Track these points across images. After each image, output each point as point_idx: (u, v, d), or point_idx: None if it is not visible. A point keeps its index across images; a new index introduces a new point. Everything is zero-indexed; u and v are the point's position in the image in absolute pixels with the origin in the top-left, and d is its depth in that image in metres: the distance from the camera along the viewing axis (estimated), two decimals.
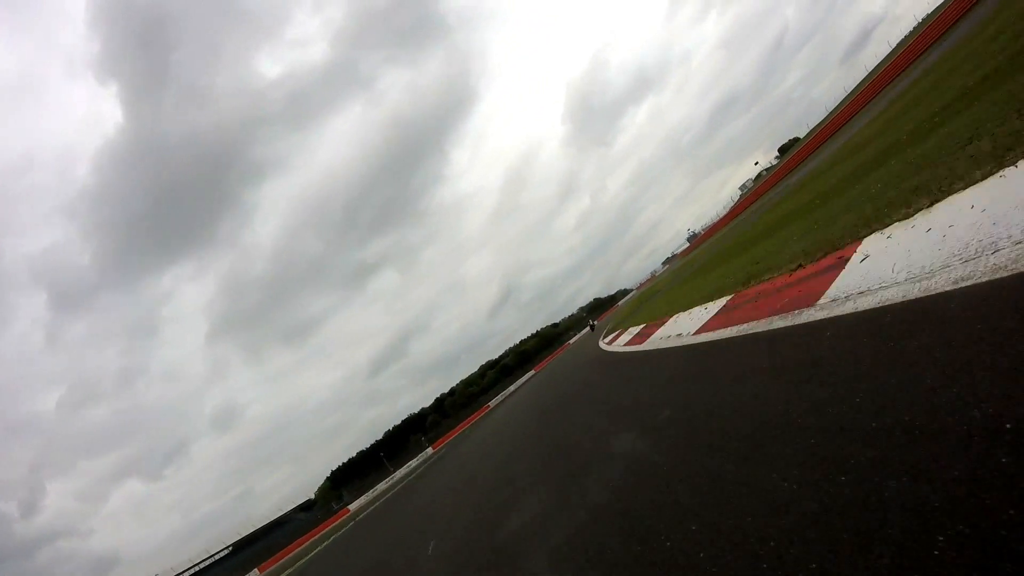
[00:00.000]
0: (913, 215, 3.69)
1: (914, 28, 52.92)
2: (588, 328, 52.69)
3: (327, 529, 44.56)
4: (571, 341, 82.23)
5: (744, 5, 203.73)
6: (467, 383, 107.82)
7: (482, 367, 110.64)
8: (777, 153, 69.58)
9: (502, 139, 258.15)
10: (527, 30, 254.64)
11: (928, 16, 48.71)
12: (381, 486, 55.30)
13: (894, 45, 59.22)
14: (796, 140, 67.86)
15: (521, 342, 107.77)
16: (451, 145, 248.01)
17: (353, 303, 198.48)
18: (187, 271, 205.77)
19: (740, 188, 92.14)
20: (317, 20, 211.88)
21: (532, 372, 71.82)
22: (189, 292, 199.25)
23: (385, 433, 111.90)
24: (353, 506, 52.43)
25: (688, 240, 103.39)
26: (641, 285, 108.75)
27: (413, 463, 58.00)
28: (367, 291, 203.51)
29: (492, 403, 66.19)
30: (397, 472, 57.97)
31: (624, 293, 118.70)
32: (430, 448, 59.89)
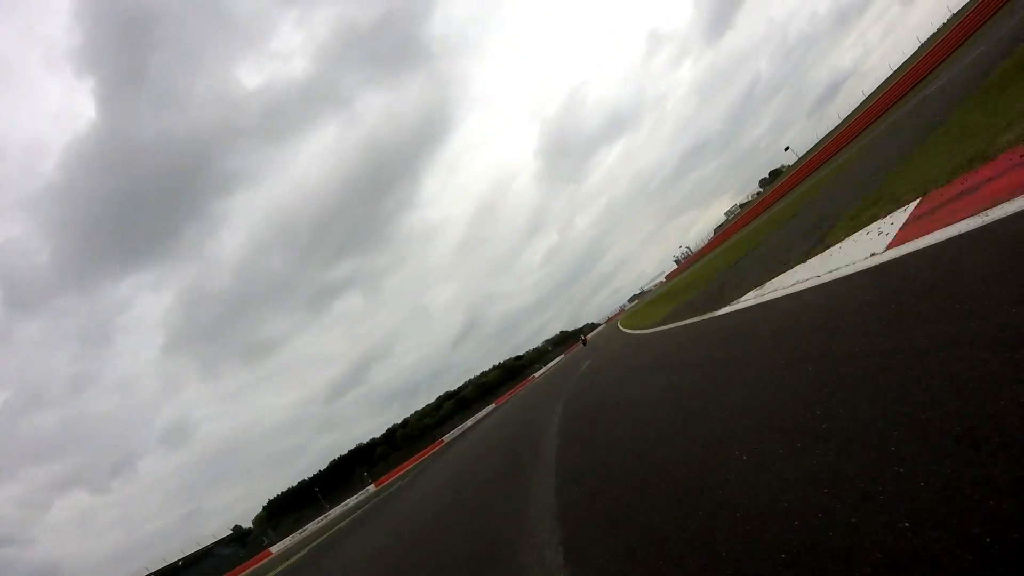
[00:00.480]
0: None
1: (880, 84, 54.95)
2: (580, 343, 62.16)
3: None
4: (536, 375, 78.00)
5: (719, 54, 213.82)
6: (421, 414, 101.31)
7: (439, 398, 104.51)
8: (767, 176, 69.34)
9: (475, 170, 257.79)
10: (508, 64, 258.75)
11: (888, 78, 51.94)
12: (312, 526, 48.60)
13: (863, 97, 60.46)
14: (779, 171, 67.47)
15: (482, 373, 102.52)
16: (424, 172, 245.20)
17: (314, 325, 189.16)
18: (147, 279, 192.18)
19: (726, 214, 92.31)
20: (301, 34, 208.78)
21: (492, 406, 66.91)
22: (148, 301, 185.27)
23: (330, 463, 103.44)
24: (277, 548, 45.51)
25: (676, 262, 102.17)
26: (609, 319, 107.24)
27: (352, 501, 51.58)
28: (329, 314, 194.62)
29: (447, 437, 60.70)
30: (334, 510, 51.39)
31: (592, 326, 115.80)
32: (372, 485, 53.63)
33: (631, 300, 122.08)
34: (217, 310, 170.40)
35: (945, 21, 53.73)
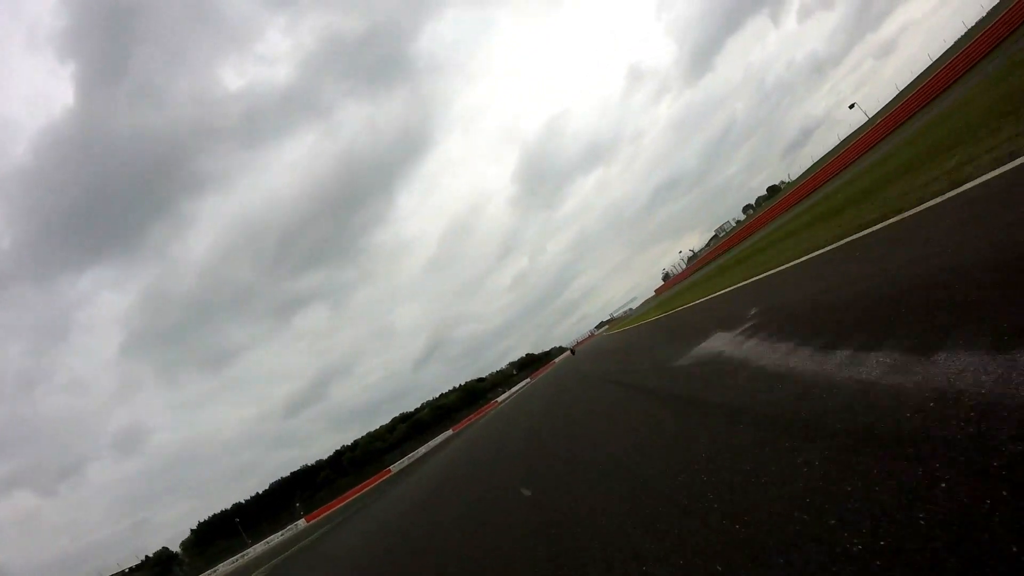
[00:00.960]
0: None
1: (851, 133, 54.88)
2: (569, 352, 70.14)
3: None
4: (500, 399, 72.56)
5: (697, 94, 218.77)
6: (373, 437, 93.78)
7: (394, 419, 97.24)
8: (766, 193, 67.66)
9: (451, 189, 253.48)
10: (492, 87, 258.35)
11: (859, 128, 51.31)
12: (224, 567, 41.28)
13: (836, 143, 60.26)
14: (777, 189, 65.22)
15: (442, 395, 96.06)
16: (399, 188, 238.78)
17: (276, 337, 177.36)
18: (109, 275, 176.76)
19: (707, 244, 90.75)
20: (289, 41, 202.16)
21: (449, 432, 61.00)
22: (108, 299, 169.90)
23: (272, 484, 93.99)
24: None
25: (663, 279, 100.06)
26: (579, 342, 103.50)
27: (277, 538, 44.50)
28: (292, 326, 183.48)
29: (395, 467, 54.31)
30: (255, 547, 44.17)
31: (560, 350, 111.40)
32: (303, 520, 46.62)
33: (598, 327, 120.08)
34: (178, 314, 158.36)
35: (912, 80, 53.84)
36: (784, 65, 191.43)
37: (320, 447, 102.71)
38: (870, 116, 48.62)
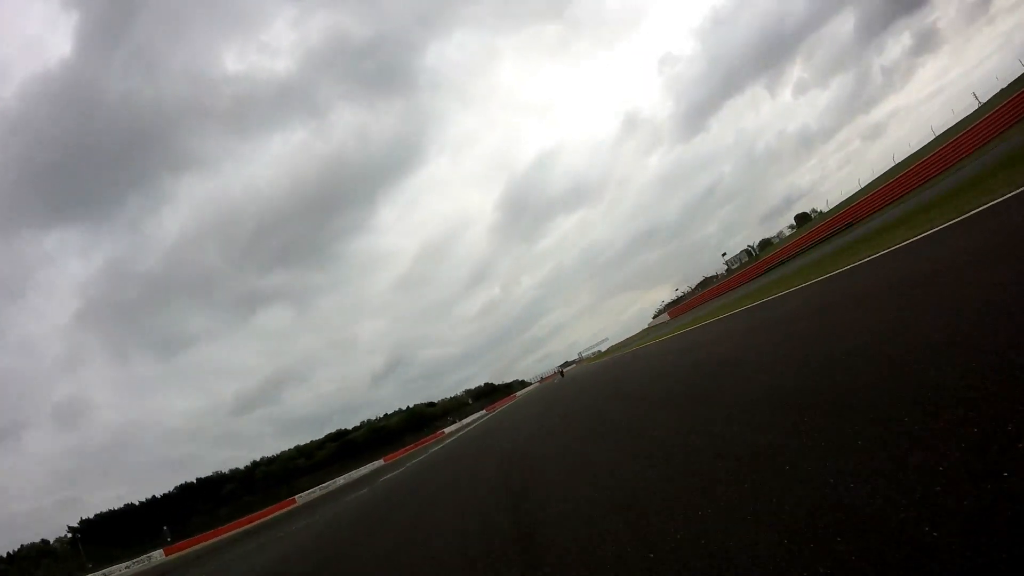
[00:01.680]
0: None
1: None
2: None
3: None
4: (448, 429, 62.73)
5: (688, 150, 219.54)
6: (301, 451, 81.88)
7: (326, 436, 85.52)
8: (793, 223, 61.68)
9: (433, 209, 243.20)
10: (488, 113, 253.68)
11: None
12: None
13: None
14: (807, 217, 59.10)
15: (384, 416, 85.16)
16: (381, 199, 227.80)
17: (236, 331, 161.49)
18: (76, 239, 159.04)
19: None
20: (294, 34, 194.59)
21: (380, 462, 50.84)
22: (71, 262, 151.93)
23: (178, 487, 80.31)
24: None
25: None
26: (544, 379, 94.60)
27: (123, 570, 33.52)
28: (254, 323, 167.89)
29: (301, 497, 43.78)
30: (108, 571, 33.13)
31: (523, 384, 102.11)
32: (162, 552, 35.57)
33: (560, 367, 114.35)
34: (140, 292, 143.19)
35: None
36: (775, 134, 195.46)
37: (266, 449, 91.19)
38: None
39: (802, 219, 58.34)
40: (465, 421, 66.24)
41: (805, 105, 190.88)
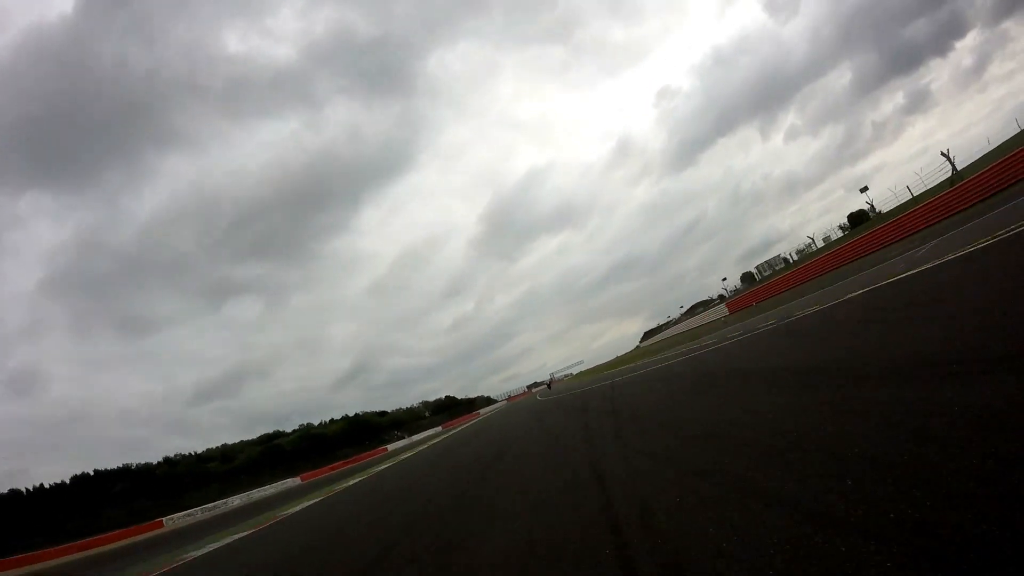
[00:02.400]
0: None
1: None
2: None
3: None
4: (394, 445, 52.30)
5: (675, 184, 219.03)
6: (226, 453, 69.71)
7: (260, 437, 73.42)
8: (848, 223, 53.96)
9: (416, 216, 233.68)
10: (483, 126, 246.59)
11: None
12: None
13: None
14: (865, 216, 51.93)
15: (322, 424, 73.56)
16: (366, 201, 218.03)
17: (203, 319, 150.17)
18: (50, 204, 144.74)
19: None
20: (300, 23, 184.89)
21: (297, 480, 40.20)
22: (42, 227, 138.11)
23: (73, 478, 66.89)
24: None
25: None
26: (512, 397, 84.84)
27: None
28: (221, 313, 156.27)
29: (173, 520, 32.74)
30: None
31: (488, 401, 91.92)
32: None
33: (528, 386, 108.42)
34: (109, 267, 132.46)
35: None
36: (761, 176, 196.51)
37: (219, 439, 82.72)
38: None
39: (858, 220, 50.82)
40: (416, 438, 55.86)
41: (794, 151, 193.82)
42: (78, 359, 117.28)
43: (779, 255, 71.01)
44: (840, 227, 52.21)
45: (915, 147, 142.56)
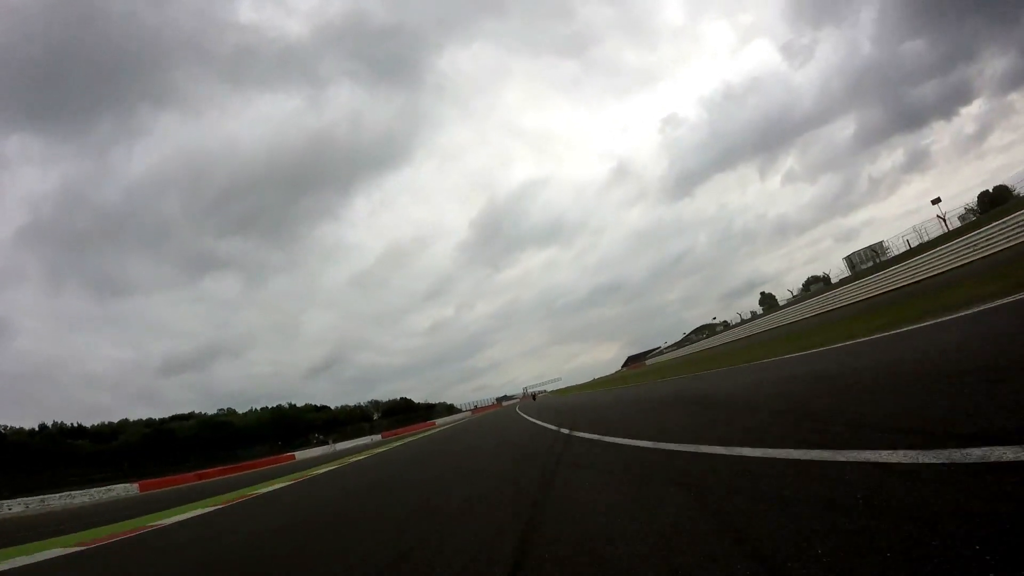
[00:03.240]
0: None
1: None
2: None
3: None
4: (311, 454, 38.73)
5: (669, 213, 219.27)
6: (95, 432, 54.82)
7: (155, 420, 58.22)
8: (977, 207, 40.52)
9: (408, 212, 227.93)
10: (485, 130, 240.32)
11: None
12: None
13: None
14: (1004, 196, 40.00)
15: (249, 412, 58.96)
16: (359, 190, 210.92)
17: (180, 290, 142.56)
18: (39, 149, 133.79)
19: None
20: (316, 0, 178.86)
21: (133, 489, 26.43)
22: (27, 173, 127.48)
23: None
24: None
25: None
26: (478, 409, 72.15)
27: None
28: (200, 286, 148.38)
29: None
30: None
31: (451, 409, 77.87)
32: None
33: (497, 399, 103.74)
34: (91, 223, 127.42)
35: None
36: (755, 217, 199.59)
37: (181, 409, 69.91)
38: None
39: (995, 201, 39.15)
40: (343, 446, 41.95)
41: (790, 195, 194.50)
42: (47, 313, 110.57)
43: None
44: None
45: (908, 206, 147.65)
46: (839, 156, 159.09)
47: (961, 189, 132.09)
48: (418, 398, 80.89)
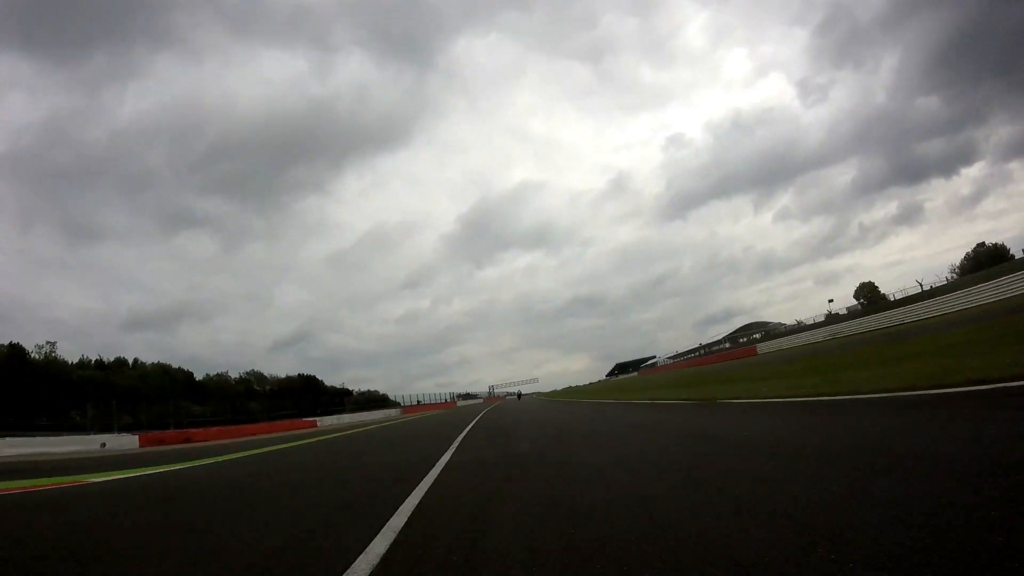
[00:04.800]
0: None
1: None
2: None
3: None
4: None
5: (659, 234, 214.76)
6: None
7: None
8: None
9: (397, 197, 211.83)
10: (489, 127, 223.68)
11: None
12: None
13: None
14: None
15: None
16: (351, 167, 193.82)
17: (153, 244, 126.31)
18: (29, 74, 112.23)
19: None
20: None
21: None
22: (14, 98, 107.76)
23: None
24: None
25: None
26: (413, 409, 51.95)
27: None
28: (174, 243, 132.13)
29: None
30: None
31: (383, 403, 56.78)
32: None
33: (457, 396, 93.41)
34: (70, 160, 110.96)
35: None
36: (742, 248, 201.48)
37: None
38: None
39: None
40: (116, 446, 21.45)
41: (780, 232, 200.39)
42: (16, 253, 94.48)
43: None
44: None
45: (892, 257, 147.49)
46: (835, 200, 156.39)
47: (947, 248, 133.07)
48: (383, 388, 64.04)
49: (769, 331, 55.61)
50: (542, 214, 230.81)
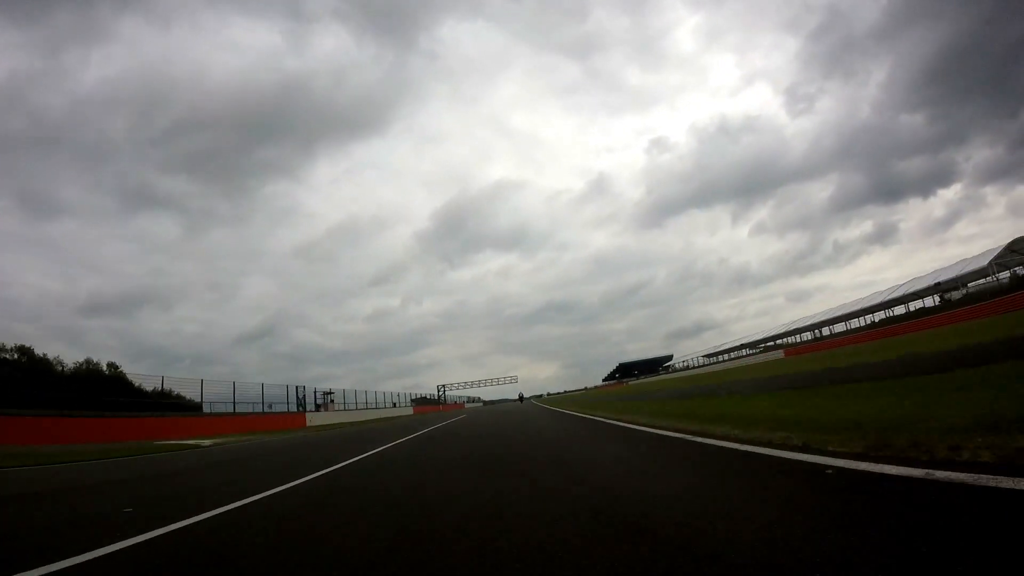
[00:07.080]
0: None
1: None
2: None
3: None
4: None
5: (636, 241, 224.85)
6: None
7: None
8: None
9: (370, 188, 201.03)
10: (470, 119, 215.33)
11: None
12: None
13: None
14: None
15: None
16: (323, 152, 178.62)
17: (112, 223, 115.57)
18: None
19: None
20: None
21: None
22: None
23: None
24: None
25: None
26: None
27: None
28: (133, 223, 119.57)
29: None
30: None
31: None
32: None
33: (412, 401, 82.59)
34: (24, 124, 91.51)
35: None
36: (717, 260, 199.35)
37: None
38: None
39: None
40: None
41: (755, 246, 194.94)
42: None
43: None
44: None
45: (862, 277, 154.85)
46: (812, 216, 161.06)
47: (917, 270, 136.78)
48: (348, 386, 53.03)
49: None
50: (519, 214, 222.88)
